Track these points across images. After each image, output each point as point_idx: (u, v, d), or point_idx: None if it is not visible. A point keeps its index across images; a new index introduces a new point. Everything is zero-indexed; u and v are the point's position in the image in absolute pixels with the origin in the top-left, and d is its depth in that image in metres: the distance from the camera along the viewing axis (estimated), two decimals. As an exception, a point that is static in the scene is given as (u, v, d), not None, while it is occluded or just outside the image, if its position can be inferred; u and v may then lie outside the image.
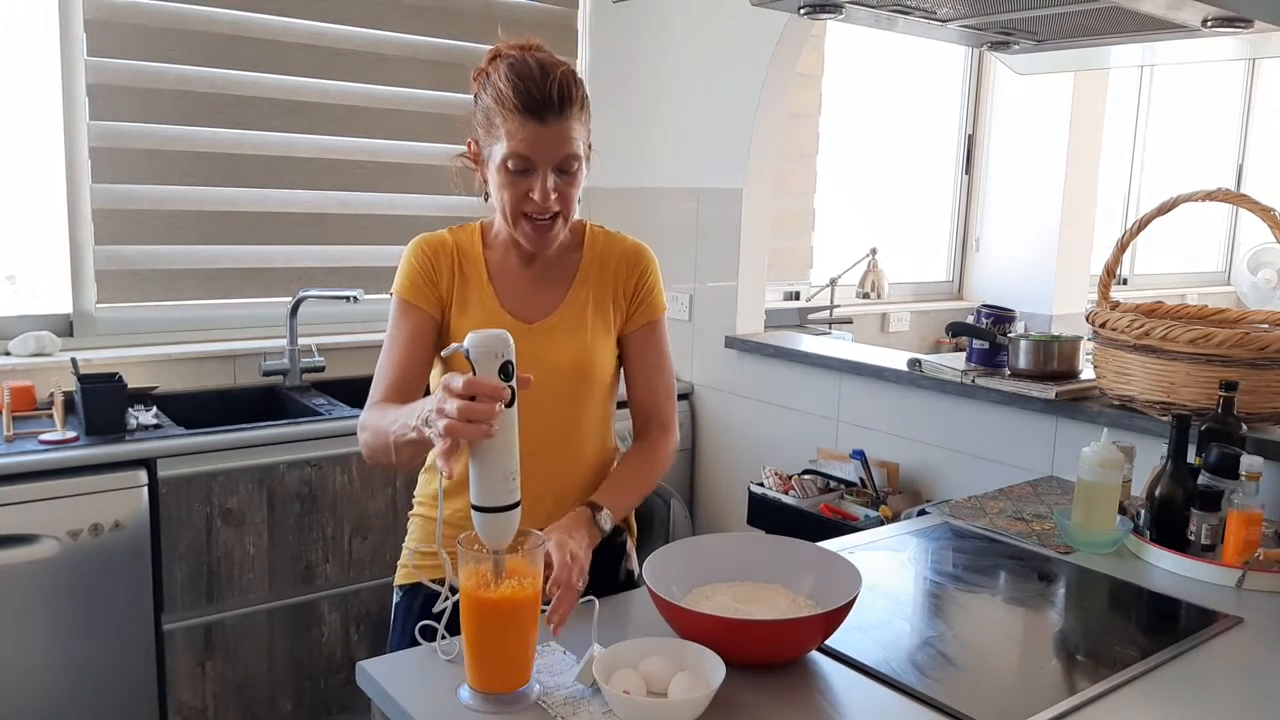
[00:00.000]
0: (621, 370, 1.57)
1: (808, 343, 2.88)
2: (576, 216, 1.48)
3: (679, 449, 1.63)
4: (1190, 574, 1.54)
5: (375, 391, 1.44)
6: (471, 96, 1.43)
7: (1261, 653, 1.31)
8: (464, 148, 1.47)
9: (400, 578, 1.55)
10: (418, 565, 1.51)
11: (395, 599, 1.54)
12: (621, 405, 1.57)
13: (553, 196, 1.37)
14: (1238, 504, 1.52)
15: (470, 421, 1.05)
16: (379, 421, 1.33)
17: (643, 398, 1.56)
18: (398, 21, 2.94)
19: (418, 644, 1.23)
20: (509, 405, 1.10)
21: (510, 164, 1.35)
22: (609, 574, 1.54)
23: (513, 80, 1.34)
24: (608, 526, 1.39)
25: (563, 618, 1.21)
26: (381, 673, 1.17)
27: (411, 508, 1.59)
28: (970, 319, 2.34)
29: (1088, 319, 2.03)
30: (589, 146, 1.44)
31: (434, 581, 1.31)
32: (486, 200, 1.47)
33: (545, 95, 1.32)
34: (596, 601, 1.22)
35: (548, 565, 1.23)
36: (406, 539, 1.57)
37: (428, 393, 1.48)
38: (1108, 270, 2.04)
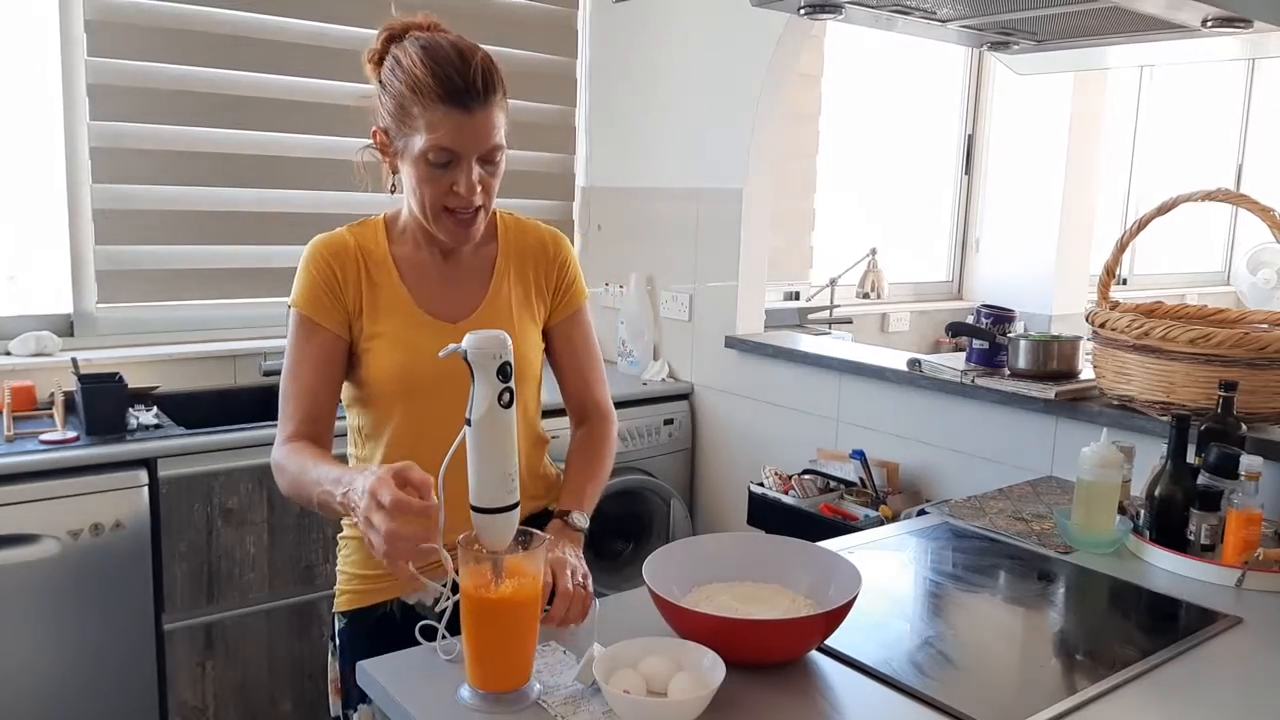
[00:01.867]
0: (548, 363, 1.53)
1: (808, 343, 2.88)
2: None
3: (680, 449, 1.61)
4: (1190, 574, 1.54)
5: (285, 423, 1.35)
6: (372, 82, 1.34)
7: (1261, 653, 1.31)
8: (369, 140, 1.37)
9: (342, 604, 1.44)
10: (359, 590, 1.41)
11: (338, 626, 1.44)
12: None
13: (478, 189, 1.29)
14: (1237, 504, 1.52)
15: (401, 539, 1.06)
16: (300, 476, 1.26)
17: (576, 388, 1.52)
18: (398, 22, 2.94)
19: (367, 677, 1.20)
20: (507, 406, 1.10)
21: (431, 156, 1.26)
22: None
23: (430, 66, 1.24)
24: (583, 524, 1.36)
25: (565, 620, 1.20)
26: (381, 672, 1.17)
27: (341, 530, 1.48)
28: (970, 319, 2.35)
29: (1087, 319, 2.03)
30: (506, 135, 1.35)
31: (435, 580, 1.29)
32: (393, 193, 1.39)
33: (468, 82, 1.23)
34: (596, 601, 1.23)
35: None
36: (340, 563, 1.46)
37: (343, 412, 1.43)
38: (1107, 270, 2.04)
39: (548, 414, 1.57)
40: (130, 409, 2.29)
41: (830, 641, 1.22)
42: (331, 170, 2.90)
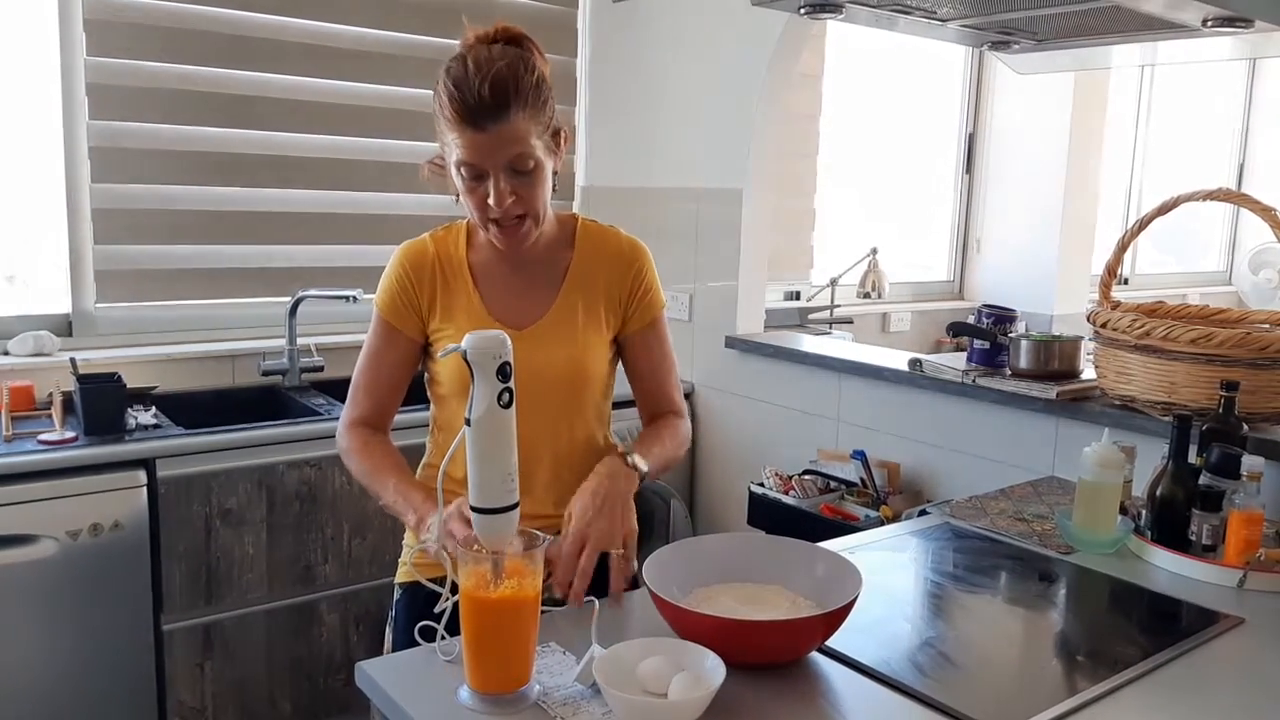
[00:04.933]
0: (621, 370, 1.55)
1: (808, 343, 2.88)
2: (583, 213, 1.47)
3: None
4: (1191, 574, 1.54)
5: (351, 407, 1.48)
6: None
7: (1263, 653, 1.31)
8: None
9: (401, 575, 1.54)
10: (419, 563, 1.49)
11: (395, 596, 1.53)
12: (624, 405, 1.56)
13: (509, 199, 1.33)
14: (1239, 504, 1.52)
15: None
16: (373, 474, 1.41)
17: (651, 395, 1.55)
18: (398, 21, 2.93)
19: (418, 643, 1.23)
20: (506, 407, 1.10)
21: (462, 172, 1.34)
22: (605, 577, 1.52)
23: (449, 90, 1.29)
24: (643, 466, 1.37)
25: (577, 587, 1.22)
26: (381, 673, 1.16)
27: None
28: (971, 319, 2.34)
29: (1088, 319, 2.03)
30: (557, 136, 1.39)
31: (433, 580, 1.30)
32: (458, 201, 1.44)
33: (478, 100, 1.27)
34: (597, 602, 1.22)
35: (550, 563, 1.22)
36: (406, 536, 1.56)
37: (419, 395, 1.50)
38: (1109, 270, 2.04)
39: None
40: (129, 409, 2.28)
41: (831, 642, 1.21)
42: (332, 169, 2.90)
